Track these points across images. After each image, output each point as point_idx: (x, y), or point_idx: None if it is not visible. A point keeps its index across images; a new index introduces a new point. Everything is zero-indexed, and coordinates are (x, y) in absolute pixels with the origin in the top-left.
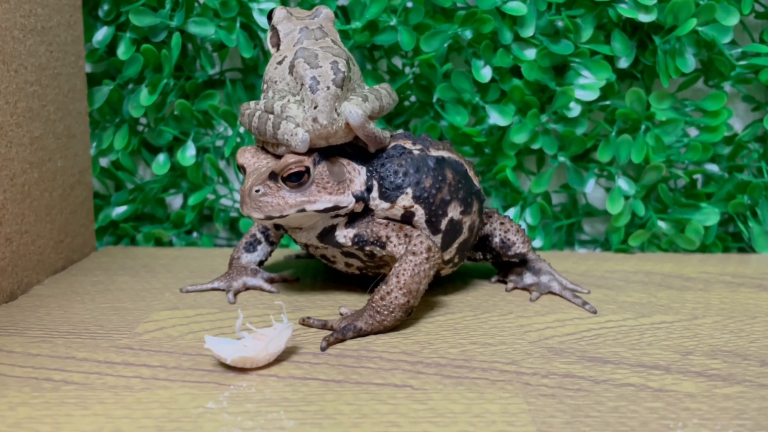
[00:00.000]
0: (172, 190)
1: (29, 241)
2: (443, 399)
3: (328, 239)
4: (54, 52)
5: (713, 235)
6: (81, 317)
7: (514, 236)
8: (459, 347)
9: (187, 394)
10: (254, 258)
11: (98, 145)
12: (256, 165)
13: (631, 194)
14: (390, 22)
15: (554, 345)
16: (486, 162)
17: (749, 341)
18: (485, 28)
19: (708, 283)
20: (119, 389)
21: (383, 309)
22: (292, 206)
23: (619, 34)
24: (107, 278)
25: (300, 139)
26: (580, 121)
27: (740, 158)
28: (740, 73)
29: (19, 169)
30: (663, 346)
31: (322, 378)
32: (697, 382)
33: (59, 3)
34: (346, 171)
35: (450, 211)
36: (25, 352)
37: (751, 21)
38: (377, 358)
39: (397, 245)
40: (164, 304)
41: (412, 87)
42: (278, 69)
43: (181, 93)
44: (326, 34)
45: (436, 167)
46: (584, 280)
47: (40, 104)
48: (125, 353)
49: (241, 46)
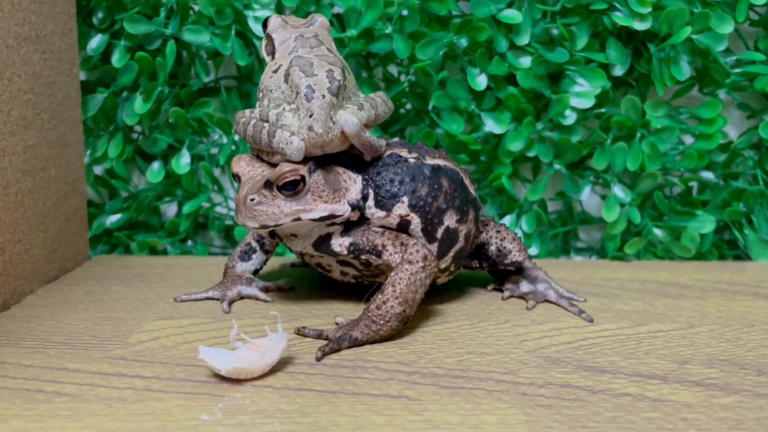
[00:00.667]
0: (167, 198)
1: (22, 250)
2: (440, 410)
3: (323, 248)
4: (48, 60)
5: (709, 242)
6: (74, 327)
7: (511, 244)
8: (455, 357)
9: (181, 406)
10: (249, 267)
11: (92, 153)
12: (251, 174)
13: (626, 202)
14: (385, 30)
15: (551, 354)
16: (482, 169)
17: (746, 350)
18: (480, 36)
19: (704, 291)
20: (112, 401)
21: (379, 318)
22: (288, 215)
23: (614, 42)
24: (101, 288)
25: (295, 147)
26: (576, 128)
27: (735, 166)
28: (735, 80)
29: (12, 178)
30: (660, 355)
31: (318, 389)
32: (694, 391)
33: (53, 11)
34: (341, 179)
35: (446, 220)
36: (18, 363)
37: (745, 29)
38: (373, 368)
39: (393, 254)
40: (158, 313)
41: (408, 95)
42: (273, 77)
43: (176, 101)
44: (321, 42)
45: (432, 176)
46: (580, 288)
47: (34, 112)
48: (118, 364)
49: (236, 53)
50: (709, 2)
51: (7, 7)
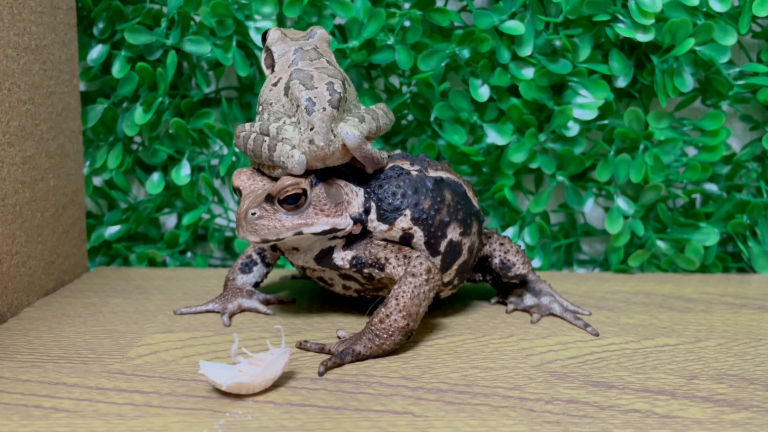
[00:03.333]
0: (167, 210)
1: (20, 262)
2: (445, 426)
3: (325, 261)
4: (48, 71)
5: (713, 255)
6: (72, 341)
7: (514, 257)
8: (460, 372)
9: (181, 422)
10: (250, 279)
11: (92, 164)
12: (252, 187)
13: (630, 214)
14: (387, 41)
15: (557, 369)
16: (484, 181)
17: (754, 365)
18: (483, 47)
19: (709, 304)
20: (111, 417)
21: (382, 332)
22: (289, 229)
23: (617, 54)
24: (99, 300)
25: (296, 161)
26: (579, 140)
27: (739, 178)
28: (738, 92)
29: (11, 189)
30: (667, 370)
31: (321, 404)
32: (703, 407)
33: (53, 21)
34: (343, 192)
35: (449, 233)
36: (15, 377)
37: (748, 41)
38: (377, 383)
39: (396, 267)
40: (157, 326)
41: (410, 106)
42: (273, 91)
43: (176, 111)
44: (321, 54)
45: (435, 188)
46: (585, 301)
47: (33, 123)
48: (117, 379)
49: (237, 64)
50: (712, 14)
51: (7, 17)
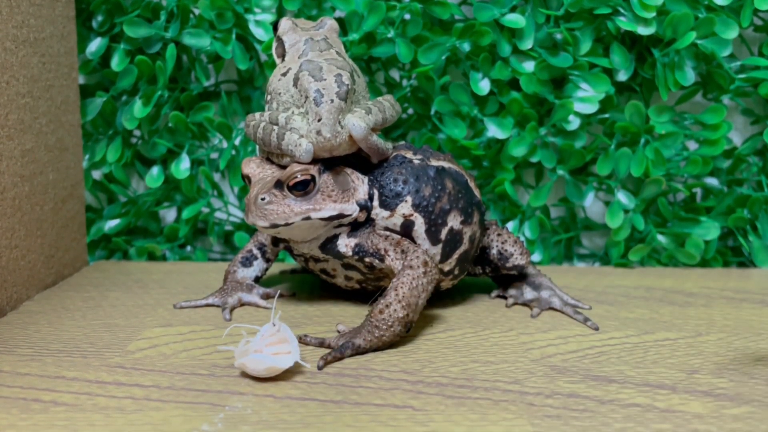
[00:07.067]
0: (166, 204)
1: (19, 256)
2: (445, 420)
3: (329, 249)
4: (47, 64)
5: (713, 249)
6: (71, 334)
7: (512, 247)
8: (460, 365)
9: (181, 416)
10: (250, 273)
11: (91, 157)
12: (262, 175)
13: (630, 208)
14: (387, 35)
15: (557, 363)
16: (484, 175)
17: (755, 359)
18: (483, 40)
19: (710, 298)
20: (110, 411)
21: (382, 323)
22: (298, 214)
23: (618, 47)
24: (99, 294)
25: (304, 149)
26: (579, 134)
27: (740, 172)
28: (739, 86)
29: (10, 183)
30: (668, 364)
31: (320, 398)
32: (704, 402)
33: (52, 14)
34: (350, 180)
35: (450, 221)
36: (14, 371)
37: (750, 34)
38: (377, 377)
39: (395, 259)
40: (157, 320)
41: (410, 99)
42: (282, 81)
43: (176, 105)
44: (331, 45)
45: (436, 176)
46: (585, 295)
47: (32, 116)
48: (117, 372)
49: (237, 57)
50: (713, 7)
51: (6, 10)
